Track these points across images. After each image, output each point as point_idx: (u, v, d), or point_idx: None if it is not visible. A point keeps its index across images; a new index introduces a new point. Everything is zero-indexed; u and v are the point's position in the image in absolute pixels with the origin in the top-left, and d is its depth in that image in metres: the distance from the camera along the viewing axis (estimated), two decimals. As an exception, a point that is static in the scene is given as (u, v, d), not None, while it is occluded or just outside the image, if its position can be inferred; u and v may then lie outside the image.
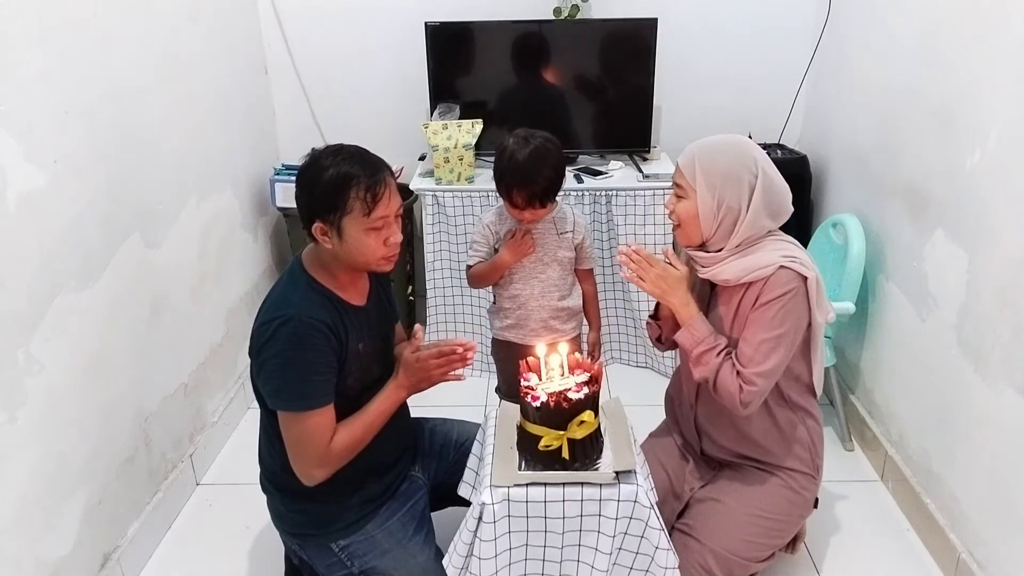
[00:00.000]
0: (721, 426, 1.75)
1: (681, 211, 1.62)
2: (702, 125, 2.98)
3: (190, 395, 2.32)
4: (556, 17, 2.86)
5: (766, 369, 1.55)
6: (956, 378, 1.90)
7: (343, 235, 1.48)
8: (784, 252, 1.58)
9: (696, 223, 1.61)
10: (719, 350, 1.59)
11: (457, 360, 1.59)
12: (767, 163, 1.59)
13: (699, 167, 1.58)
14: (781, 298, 1.55)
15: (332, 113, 3.10)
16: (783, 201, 1.61)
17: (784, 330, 1.55)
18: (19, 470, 1.58)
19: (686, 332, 1.62)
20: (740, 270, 1.58)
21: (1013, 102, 1.68)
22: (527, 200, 1.86)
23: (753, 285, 1.58)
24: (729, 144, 1.62)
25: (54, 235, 1.68)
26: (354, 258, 1.52)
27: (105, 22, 1.88)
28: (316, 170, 1.47)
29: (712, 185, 1.57)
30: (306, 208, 1.50)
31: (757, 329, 1.56)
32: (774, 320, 1.55)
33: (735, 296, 1.62)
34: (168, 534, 2.13)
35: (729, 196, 1.56)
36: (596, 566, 1.47)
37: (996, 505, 1.76)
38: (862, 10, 2.51)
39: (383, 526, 1.65)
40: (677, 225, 1.66)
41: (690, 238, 1.65)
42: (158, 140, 2.13)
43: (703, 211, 1.58)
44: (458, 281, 2.81)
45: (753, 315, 1.58)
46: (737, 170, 1.56)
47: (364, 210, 1.46)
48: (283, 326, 1.46)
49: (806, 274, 1.56)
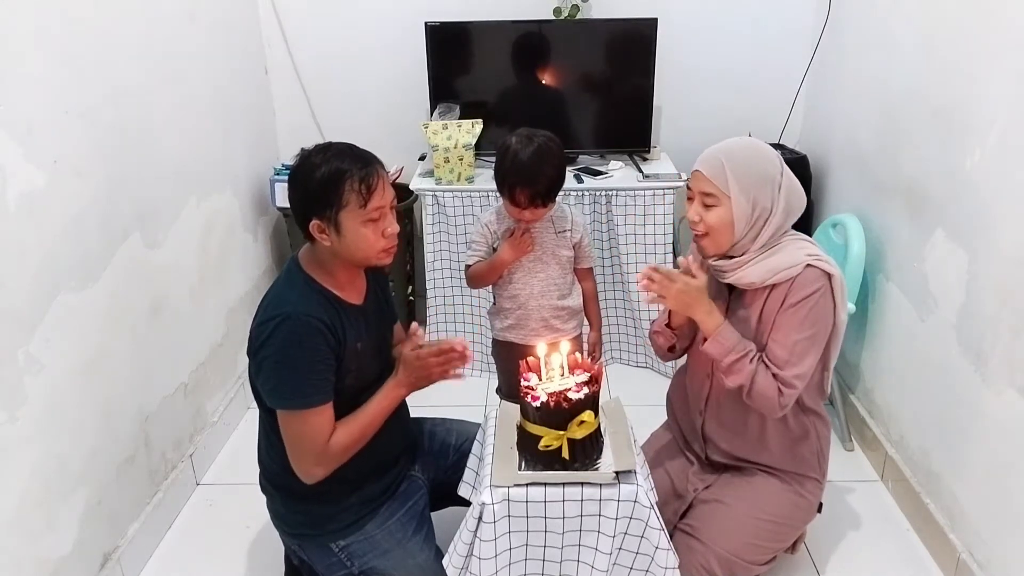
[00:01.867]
0: (729, 435, 1.74)
1: (713, 220, 1.56)
2: (702, 125, 3.00)
3: (190, 395, 2.32)
4: (556, 17, 2.86)
5: (803, 371, 1.53)
6: (956, 378, 1.90)
7: (341, 230, 1.48)
8: (807, 250, 1.56)
9: (729, 230, 1.56)
10: (751, 356, 1.55)
11: (457, 359, 1.59)
12: (782, 161, 1.59)
13: (731, 173, 1.53)
14: (811, 297, 1.53)
15: (332, 113, 3.10)
16: (801, 197, 1.60)
17: (816, 330, 1.54)
18: (19, 470, 1.58)
19: (714, 342, 1.56)
20: (766, 272, 1.56)
21: (1013, 102, 1.68)
22: (529, 199, 1.86)
23: (778, 286, 1.56)
24: (752, 147, 1.60)
25: (54, 235, 1.68)
26: (353, 253, 1.52)
27: (105, 22, 1.88)
28: (307, 168, 1.48)
29: (747, 189, 1.53)
30: (301, 207, 1.50)
31: (789, 330, 1.54)
32: (806, 320, 1.53)
33: (758, 298, 1.59)
34: (168, 534, 2.13)
35: (763, 199, 1.54)
36: (596, 566, 1.47)
37: (996, 505, 1.76)
38: (862, 10, 2.51)
39: (383, 526, 1.65)
40: (705, 234, 1.59)
41: (720, 246, 1.59)
42: (158, 140, 2.13)
43: (739, 216, 1.54)
44: (458, 281, 2.80)
45: (782, 317, 1.55)
46: (769, 171, 1.55)
47: (360, 202, 1.46)
48: (281, 325, 1.46)
49: (831, 271, 1.54)
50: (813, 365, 1.56)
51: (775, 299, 1.57)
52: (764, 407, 1.57)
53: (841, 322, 1.60)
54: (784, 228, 1.59)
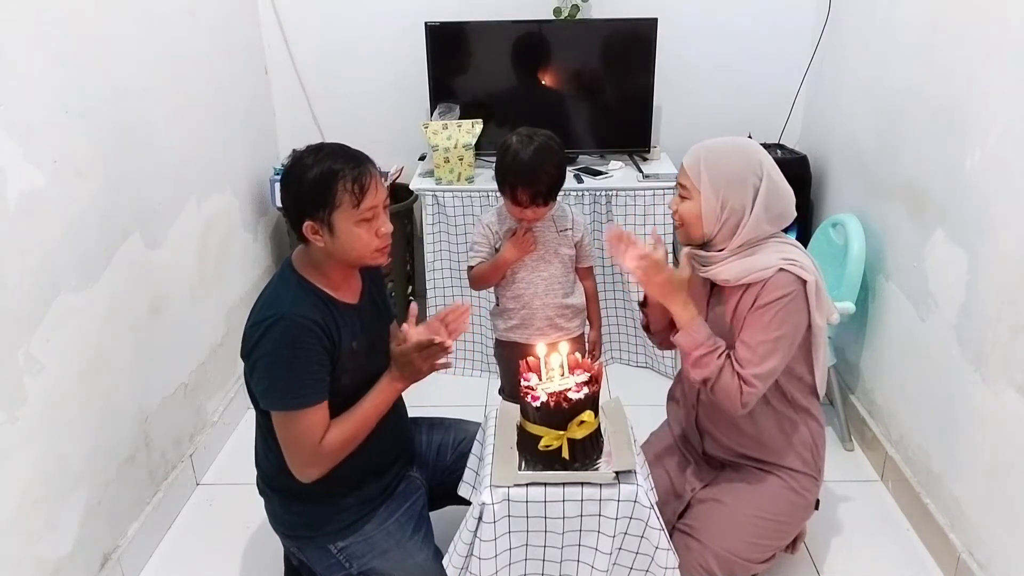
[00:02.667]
0: (723, 426, 1.75)
1: (684, 211, 1.63)
2: (702, 125, 2.98)
3: (190, 395, 2.32)
4: (556, 17, 2.86)
5: (764, 371, 1.55)
6: (956, 378, 1.90)
7: (334, 230, 1.48)
8: (784, 255, 1.58)
9: (699, 224, 1.61)
10: (719, 352, 1.59)
11: (438, 349, 1.58)
12: (772, 167, 1.59)
13: (704, 168, 1.58)
14: (779, 300, 1.55)
15: (332, 113, 3.10)
16: (787, 206, 1.61)
17: (782, 332, 1.55)
18: (19, 470, 1.58)
19: (685, 334, 1.61)
20: (739, 271, 1.59)
21: (1013, 102, 1.68)
22: (531, 198, 1.87)
23: (752, 287, 1.58)
24: (735, 146, 1.62)
25: (54, 235, 1.68)
26: (347, 253, 1.52)
27: (105, 22, 1.88)
28: (300, 170, 1.47)
29: (717, 187, 1.57)
30: (294, 208, 1.50)
31: (755, 331, 1.56)
32: (772, 323, 1.55)
33: (734, 296, 1.63)
34: (168, 534, 2.13)
35: (733, 199, 1.57)
36: (596, 566, 1.47)
37: (996, 505, 1.76)
38: (862, 10, 2.51)
39: (381, 527, 1.65)
40: (680, 224, 1.66)
41: (691, 237, 1.66)
42: (158, 140, 2.13)
43: (706, 213, 1.59)
44: (458, 281, 2.81)
45: (751, 317, 1.58)
46: (742, 173, 1.57)
47: (353, 202, 1.46)
48: (274, 325, 1.46)
49: (805, 277, 1.56)
50: (777, 367, 1.57)
51: (747, 299, 1.59)
52: (726, 403, 1.59)
53: (818, 327, 1.61)
54: (767, 233, 1.60)
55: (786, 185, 1.61)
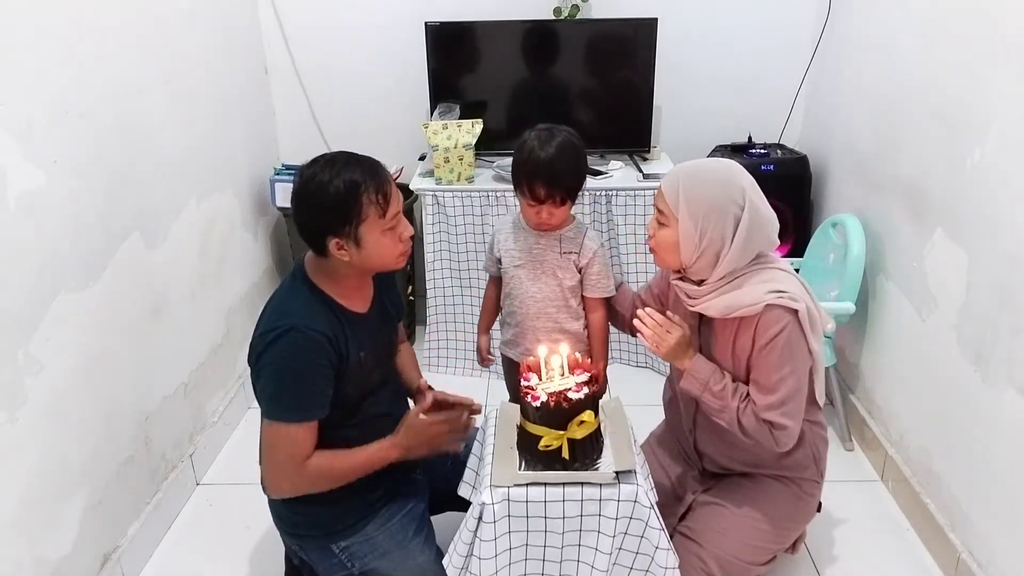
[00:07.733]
0: (721, 448, 1.74)
1: (661, 239, 1.55)
2: (702, 125, 3.01)
3: (190, 395, 2.32)
4: (556, 17, 2.86)
5: (790, 408, 1.52)
6: (956, 378, 1.90)
7: (361, 243, 1.46)
8: (771, 286, 1.50)
9: (675, 252, 1.54)
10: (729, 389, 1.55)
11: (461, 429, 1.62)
12: (755, 193, 1.51)
13: (683, 195, 1.50)
14: (779, 337, 1.50)
15: (332, 113, 3.10)
16: (769, 233, 1.54)
17: (793, 364, 1.52)
18: (19, 470, 1.58)
19: (689, 377, 1.59)
20: (724, 307, 1.53)
21: (1013, 101, 1.68)
22: (548, 194, 1.75)
23: (745, 322, 1.54)
24: (716, 172, 1.54)
25: (54, 235, 1.68)
26: (373, 263, 1.50)
27: (105, 22, 1.88)
28: (318, 186, 1.42)
29: (695, 216, 1.49)
30: (316, 227, 1.45)
31: (768, 372, 1.52)
32: (781, 359, 1.51)
33: (728, 328, 1.58)
34: (168, 534, 2.13)
35: (712, 229, 1.49)
36: (596, 566, 1.47)
37: (996, 505, 1.76)
38: (862, 10, 2.51)
39: (383, 527, 1.65)
40: (654, 250, 1.60)
41: (666, 264, 1.60)
42: (158, 140, 2.13)
43: (684, 242, 1.52)
44: (458, 281, 2.81)
45: (757, 359, 1.53)
46: (722, 202, 1.48)
47: (379, 213, 1.44)
48: (283, 336, 1.44)
49: (795, 307, 1.50)
50: (800, 397, 1.54)
51: (744, 339, 1.55)
52: (764, 446, 1.56)
53: (816, 352, 1.57)
54: (748, 259, 1.54)
55: (769, 211, 1.53)
